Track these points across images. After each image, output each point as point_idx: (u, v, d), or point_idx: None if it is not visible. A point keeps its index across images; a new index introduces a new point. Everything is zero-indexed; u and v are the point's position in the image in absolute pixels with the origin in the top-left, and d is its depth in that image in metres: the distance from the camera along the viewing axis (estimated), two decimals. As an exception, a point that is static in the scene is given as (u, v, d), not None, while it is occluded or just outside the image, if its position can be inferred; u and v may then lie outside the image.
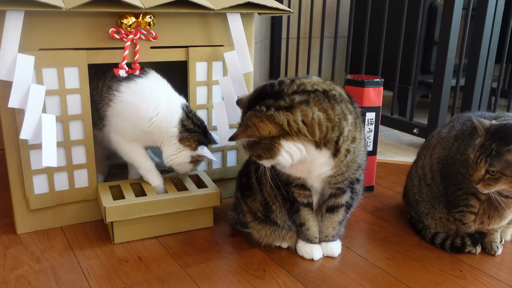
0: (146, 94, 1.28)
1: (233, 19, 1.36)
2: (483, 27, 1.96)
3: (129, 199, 1.26)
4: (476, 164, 1.09)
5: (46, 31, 1.18)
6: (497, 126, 1.09)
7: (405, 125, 2.29)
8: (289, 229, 1.23)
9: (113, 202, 1.23)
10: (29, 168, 1.25)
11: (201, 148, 1.30)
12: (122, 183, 1.36)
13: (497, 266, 1.19)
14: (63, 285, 1.07)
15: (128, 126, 1.29)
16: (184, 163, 1.32)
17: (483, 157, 1.08)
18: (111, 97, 1.29)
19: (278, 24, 2.95)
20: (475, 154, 1.10)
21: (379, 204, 1.57)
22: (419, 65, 2.32)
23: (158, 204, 1.26)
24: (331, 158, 1.05)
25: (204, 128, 1.34)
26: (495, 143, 1.06)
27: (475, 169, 1.10)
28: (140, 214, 1.25)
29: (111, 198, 1.26)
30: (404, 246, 1.29)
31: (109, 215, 1.21)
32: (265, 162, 1.06)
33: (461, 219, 1.23)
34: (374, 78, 1.56)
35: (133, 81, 1.29)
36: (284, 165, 1.04)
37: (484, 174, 1.08)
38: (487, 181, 1.08)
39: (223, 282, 1.10)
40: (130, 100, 1.28)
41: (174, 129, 1.29)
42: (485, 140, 1.09)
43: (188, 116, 1.31)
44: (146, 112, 1.27)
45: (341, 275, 1.14)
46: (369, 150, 1.62)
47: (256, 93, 1.06)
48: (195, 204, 1.31)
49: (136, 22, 1.25)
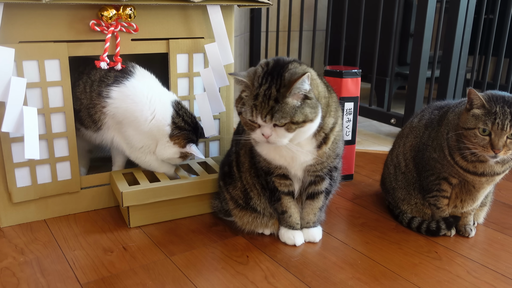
0: (139, 96, 1.30)
1: (213, 11, 1.38)
2: (456, 20, 2.02)
3: (144, 184, 1.31)
4: (501, 130, 1.08)
5: (26, 23, 1.18)
6: (494, 93, 1.12)
7: (383, 116, 2.34)
8: (270, 216, 1.26)
9: (129, 188, 1.28)
10: (11, 161, 1.25)
11: (189, 146, 1.33)
12: (134, 171, 1.42)
13: (470, 247, 1.24)
14: (49, 275, 1.08)
15: (133, 132, 1.31)
16: (174, 159, 1.37)
17: (507, 121, 1.07)
18: (104, 104, 1.30)
19: (257, 17, 2.98)
20: (500, 120, 1.08)
21: (358, 192, 1.61)
22: (396, 57, 2.38)
23: (173, 188, 1.32)
24: (316, 147, 1.10)
25: (195, 124, 1.37)
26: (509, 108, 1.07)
27: (496, 137, 1.08)
28: (155, 199, 1.30)
29: (127, 184, 1.31)
30: (382, 230, 1.33)
31: (126, 200, 1.26)
32: (305, 127, 1.03)
33: (435, 203, 1.28)
34: (352, 69, 1.59)
35: (123, 84, 1.29)
36: (303, 135, 1.05)
37: (505, 140, 1.08)
38: (509, 145, 1.09)
39: (208, 268, 1.12)
40: (124, 106, 1.29)
41: (168, 128, 1.32)
42: (493, 108, 1.09)
43: (179, 114, 1.33)
44: (139, 113, 1.29)
45: (322, 259, 1.17)
46: (348, 140, 1.66)
47: (272, 64, 1.04)
48: (208, 188, 1.37)
49: (117, 14, 1.25)
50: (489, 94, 1.12)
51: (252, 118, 1.01)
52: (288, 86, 0.99)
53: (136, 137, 1.32)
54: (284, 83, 1.00)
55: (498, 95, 1.11)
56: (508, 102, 1.08)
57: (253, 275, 1.10)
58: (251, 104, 1.00)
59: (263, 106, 0.99)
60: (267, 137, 1.02)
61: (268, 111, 0.99)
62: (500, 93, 1.12)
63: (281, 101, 0.99)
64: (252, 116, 1.01)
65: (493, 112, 1.08)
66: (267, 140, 1.02)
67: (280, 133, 1.01)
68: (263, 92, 1.00)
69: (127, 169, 1.43)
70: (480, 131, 1.10)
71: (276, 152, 1.11)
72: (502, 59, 2.35)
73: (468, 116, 1.12)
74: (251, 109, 1.00)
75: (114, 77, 1.30)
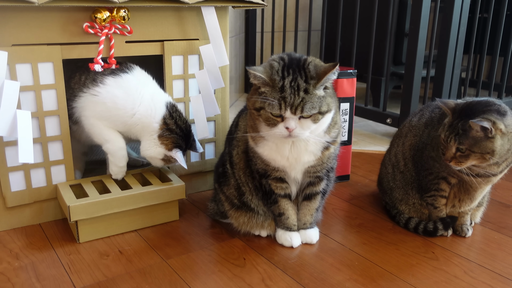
0: (131, 88, 1.29)
1: (207, 12, 1.37)
2: (451, 19, 2.02)
3: (93, 196, 1.25)
4: (447, 143, 1.14)
5: (19, 26, 1.17)
6: (463, 104, 1.14)
7: (378, 116, 2.34)
8: (265, 215, 1.25)
9: (77, 201, 1.21)
10: (5, 165, 1.24)
11: (175, 151, 1.31)
12: (82, 181, 1.35)
13: (467, 247, 1.24)
14: (44, 280, 1.07)
15: (108, 115, 1.30)
16: (156, 159, 1.34)
17: (452, 136, 1.12)
18: (96, 87, 1.29)
19: (252, 18, 2.97)
20: (445, 133, 1.14)
21: (355, 192, 1.61)
22: (391, 56, 2.38)
23: (124, 200, 1.26)
24: (320, 150, 1.11)
25: (187, 132, 1.35)
26: (461, 121, 1.11)
27: (446, 148, 1.14)
28: (106, 211, 1.24)
29: (74, 196, 1.25)
30: (379, 231, 1.33)
31: (74, 214, 1.20)
32: (326, 116, 1.04)
33: (433, 203, 1.28)
34: (347, 69, 1.59)
35: (118, 75, 1.30)
36: (322, 126, 1.06)
37: (455, 152, 1.12)
38: (458, 158, 1.12)
39: (205, 271, 1.12)
40: (116, 93, 1.29)
41: (156, 125, 1.31)
42: (453, 119, 1.13)
43: (172, 116, 1.32)
44: (130, 106, 1.29)
45: (319, 261, 1.17)
46: (344, 140, 1.66)
47: (287, 58, 1.05)
48: (160, 198, 1.32)
49: (111, 16, 1.24)
50: (462, 104, 1.15)
51: (280, 112, 1.00)
52: (318, 77, 1.00)
53: (105, 115, 1.30)
54: (311, 75, 1.00)
55: (468, 105, 1.14)
56: (466, 115, 1.11)
57: (250, 277, 1.09)
58: (278, 97, 0.99)
59: (292, 98, 0.99)
60: (291, 130, 1.01)
61: (299, 102, 0.99)
62: (472, 104, 1.13)
63: (311, 92, 1.00)
64: (280, 109, 0.99)
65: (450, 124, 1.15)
66: (290, 134, 1.01)
67: (305, 125, 1.01)
68: (288, 84, 0.99)
69: (75, 180, 1.35)
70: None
71: (278, 153, 1.10)
72: (497, 58, 2.35)
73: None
74: (278, 102, 0.99)
75: (111, 70, 1.31)
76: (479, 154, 1.10)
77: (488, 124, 1.06)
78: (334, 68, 1.01)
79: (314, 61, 1.05)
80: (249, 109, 1.08)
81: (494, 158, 1.09)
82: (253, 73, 1.01)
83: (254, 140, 1.13)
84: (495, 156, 1.09)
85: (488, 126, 1.06)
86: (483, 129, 1.07)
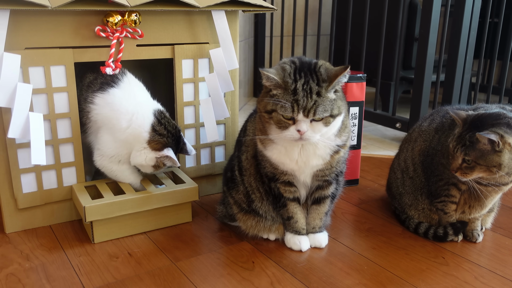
0: (117, 104, 1.30)
1: (218, 16, 1.38)
2: (461, 23, 2.01)
3: (108, 197, 1.26)
4: (454, 153, 1.13)
5: (32, 29, 1.19)
6: (474, 116, 1.13)
7: (388, 120, 2.33)
8: (272, 220, 1.25)
9: (93, 202, 1.23)
10: (17, 167, 1.25)
11: (167, 150, 1.30)
12: (97, 183, 1.36)
13: (478, 253, 1.23)
14: (54, 281, 1.08)
15: (109, 139, 1.31)
16: (148, 166, 1.32)
17: (459, 146, 1.12)
18: (88, 109, 1.31)
19: (262, 22, 2.98)
20: (453, 144, 1.14)
21: (364, 197, 1.60)
22: (401, 61, 2.38)
23: (138, 201, 1.27)
24: (329, 153, 1.12)
25: (177, 137, 1.34)
26: (470, 133, 1.10)
27: (453, 158, 1.14)
28: (120, 212, 1.25)
29: (89, 197, 1.26)
30: (388, 236, 1.32)
31: (89, 215, 1.21)
32: (336, 119, 1.05)
33: (443, 208, 1.27)
34: (357, 74, 1.59)
35: (106, 92, 1.30)
36: (333, 129, 1.07)
37: (461, 163, 1.12)
38: (464, 169, 1.12)
39: (213, 274, 1.12)
40: (104, 113, 1.30)
41: (146, 134, 1.30)
42: (463, 130, 1.13)
43: (161, 122, 1.32)
44: (119, 122, 1.29)
45: (328, 265, 1.17)
46: (354, 144, 1.65)
47: (298, 61, 1.06)
48: (174, 199, 1.32)
49: (122, 20, 1.26)
50: (472, 116, 1.14)
51: (293, 114, 1.00)
52: (330, 80, 1.01)
53: (110, 144, 1.31)
54: (322, 78, 1.01)
55: (479, 117, 1.13)
56: (475, 127, 1.11)
57: (259, 281, 1.09)
58: (291, 99, 1.00)
59: (305, 100, 0.99)
60: (302, 133, 1.01)
61: (312, 105, 0.99)
62: (483, 117, 1.13)
63: (323, 95, 1.00)
64: (293, 112, 1.00)
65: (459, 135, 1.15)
66: (301, 137, 1.02)
67: (316, 128, 1.02)
68: (301, 87, 1.00)
69: (90, 182, 1.37)
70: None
71: (287, 156, 1.11)
72: (508, 63, 2.34)
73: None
74: (291, 105, 1.00)
75: (100, 84, 1.31)
76: (485, 167, 1.09)
77: (495, 137, 1.05)
78: (345, 70, 1.01)
79: (325, 65, 1.06)
80: (259, 111, 1.08)
81: (501, 171, 1.08)
82: (267, 74, 1.01)
83: (263, 143, 1.13)
84: (502, 169, 1.08)
85: (496, 139, 1.05)
86: (490, 142, 1.07)
